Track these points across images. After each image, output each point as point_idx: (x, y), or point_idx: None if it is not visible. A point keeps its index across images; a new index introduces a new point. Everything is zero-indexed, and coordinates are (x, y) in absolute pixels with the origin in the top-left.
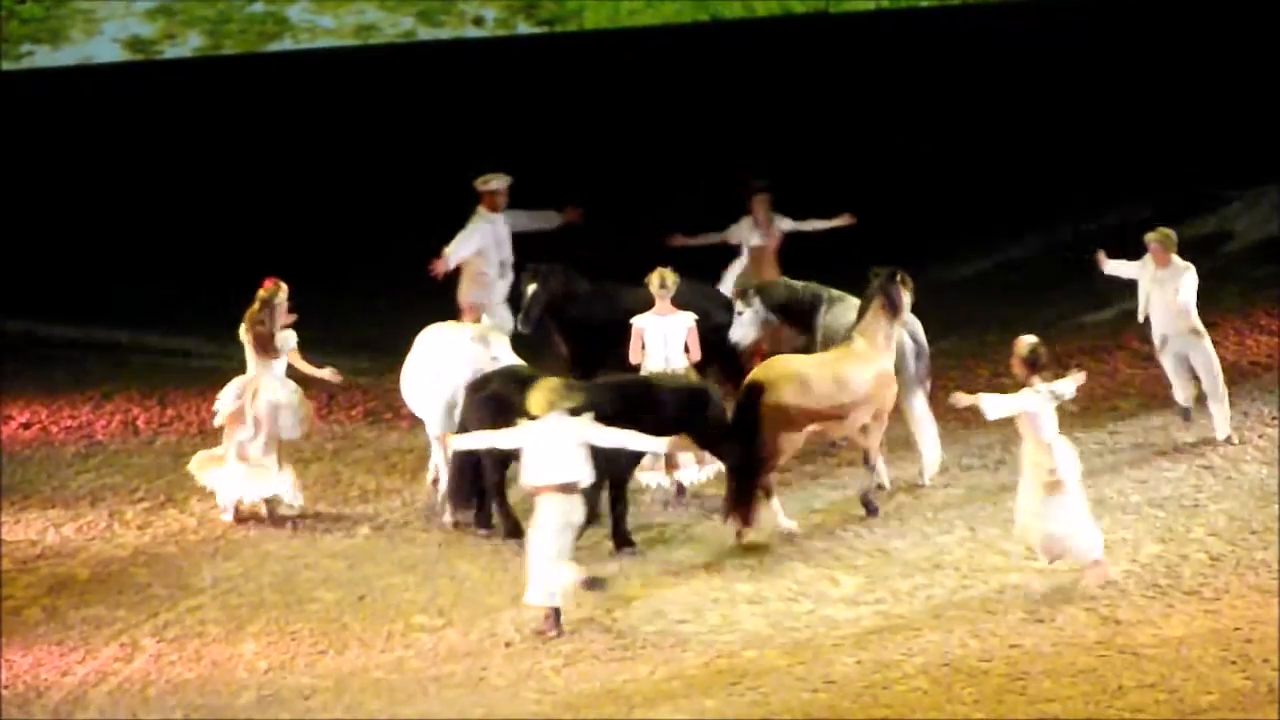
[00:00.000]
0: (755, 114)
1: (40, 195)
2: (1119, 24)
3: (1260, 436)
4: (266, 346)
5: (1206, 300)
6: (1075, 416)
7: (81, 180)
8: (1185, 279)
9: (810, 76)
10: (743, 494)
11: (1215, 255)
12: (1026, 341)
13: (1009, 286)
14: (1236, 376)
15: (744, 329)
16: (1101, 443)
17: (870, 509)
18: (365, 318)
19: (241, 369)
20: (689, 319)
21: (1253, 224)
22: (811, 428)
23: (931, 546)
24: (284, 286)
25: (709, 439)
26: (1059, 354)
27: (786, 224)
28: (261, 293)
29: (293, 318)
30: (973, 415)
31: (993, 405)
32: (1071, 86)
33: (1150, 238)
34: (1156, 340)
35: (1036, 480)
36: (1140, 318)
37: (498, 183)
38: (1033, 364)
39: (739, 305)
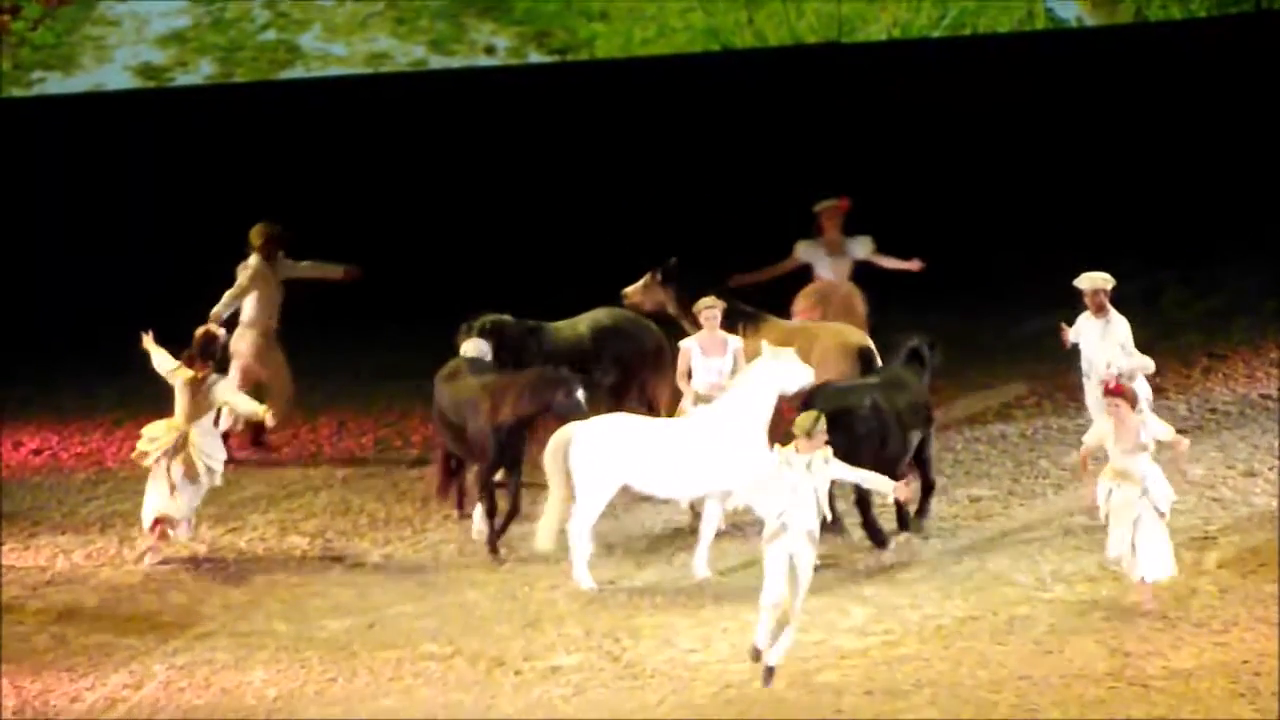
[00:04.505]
0: (767, 144)
1: (50, 222)
2: (1120, 59)
3: (1270, 469)
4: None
5: (1215, 334)
6: None
7: (90, 207)
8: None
9: (822, 106)
10: None
11: (1225, 288)
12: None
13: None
14: (1246, 409)
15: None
16: None
17: (878, 540)
18: (375, 345)
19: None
20: (737, 341)
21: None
22: None
23: (941, 577)
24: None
25: None
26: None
27: (860, 251)
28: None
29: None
30: (985, 447)
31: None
32: (1082, 120)
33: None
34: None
35: None
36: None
37: None
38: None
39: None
